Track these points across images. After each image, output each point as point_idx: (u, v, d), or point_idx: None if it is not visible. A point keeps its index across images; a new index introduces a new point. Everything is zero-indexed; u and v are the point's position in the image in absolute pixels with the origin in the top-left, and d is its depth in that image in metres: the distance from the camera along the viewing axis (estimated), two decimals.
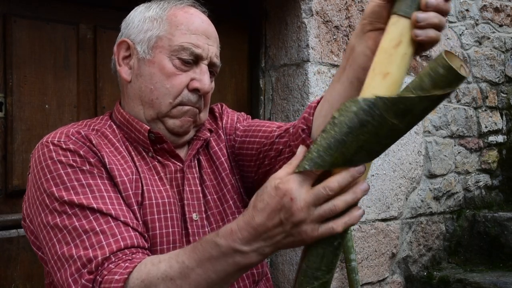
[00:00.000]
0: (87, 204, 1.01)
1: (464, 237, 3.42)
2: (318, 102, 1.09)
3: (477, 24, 3.59)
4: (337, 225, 0.83)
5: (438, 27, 0.83)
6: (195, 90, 1.17)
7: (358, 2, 2.83)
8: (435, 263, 3.34)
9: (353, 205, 0.85)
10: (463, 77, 0.75)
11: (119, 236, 0.99)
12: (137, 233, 1.03)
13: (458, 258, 3.41)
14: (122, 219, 1.02)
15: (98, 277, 0.95)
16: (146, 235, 1.07)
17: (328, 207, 0.83)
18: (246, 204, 1.17)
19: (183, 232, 1.15)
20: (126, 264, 0.95)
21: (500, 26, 3.74)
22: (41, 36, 2.21)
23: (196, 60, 1.17)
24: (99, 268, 0.96)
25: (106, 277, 0.94)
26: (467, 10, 3.52)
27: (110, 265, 0.96)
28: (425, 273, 3.23)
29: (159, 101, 1.16)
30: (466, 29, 3.52)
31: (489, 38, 3.67)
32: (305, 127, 1.09)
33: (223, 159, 1.26)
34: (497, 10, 3.71)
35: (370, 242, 2.96)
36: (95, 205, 1.01)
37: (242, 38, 2.83)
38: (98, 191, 1.04)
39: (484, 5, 3.63)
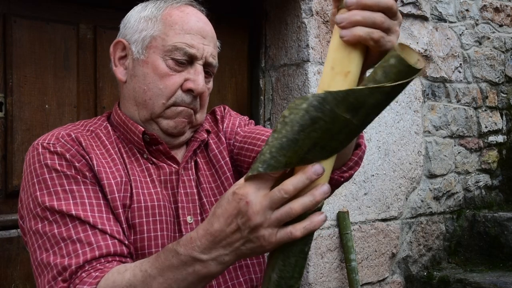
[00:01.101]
0: (66, 210, 1.02)
1: (464, 237, 3.42)
2: None
3: (477, 24, 3.59)
4: (296, 229, 0.80)
5: (368, 24, 0.78)
6: (189, 91, 1.15)
7: None
8: (435, 263, 3.34)
9: (315, 209, 0.81)
10: (416, 70, 0.71)
11: (94, 245, 1.00)
12: (115, 240, 1.03)
13: (458, 258, 3.41)
14: (100, 226, 1.02)
15: (71, 285, 0.96)
16: (127, 242, 1.06)
17: (284, 210, 0.80)
18: None
19: (177, 235, 1.13)
20: (97, 273, 0.97)
21: (500, 26, 3.74)
22: (41, 36, 2.21)
23: (190, 60, 1.15)
24: (73, 276, 0.97)
25: (77, 286, 0.96)
26: (467, 10, 3.52)
27: (82, 274, 0.97)
28: (425, 273, 3.23)
29: (152, 102, 1.15)
30: (466, 29, 3.52)
31: (489, 38, 3.67)
32: None
33: (222, 162, 1.24)
34: (497, 10, 3.71)
35: (370, 242, 2.96)
36: (74, 212, 1.02)
37: (242, 38, 2.83)
38: (79, 197, 1.04)
39: (484, 5, 3.63)
